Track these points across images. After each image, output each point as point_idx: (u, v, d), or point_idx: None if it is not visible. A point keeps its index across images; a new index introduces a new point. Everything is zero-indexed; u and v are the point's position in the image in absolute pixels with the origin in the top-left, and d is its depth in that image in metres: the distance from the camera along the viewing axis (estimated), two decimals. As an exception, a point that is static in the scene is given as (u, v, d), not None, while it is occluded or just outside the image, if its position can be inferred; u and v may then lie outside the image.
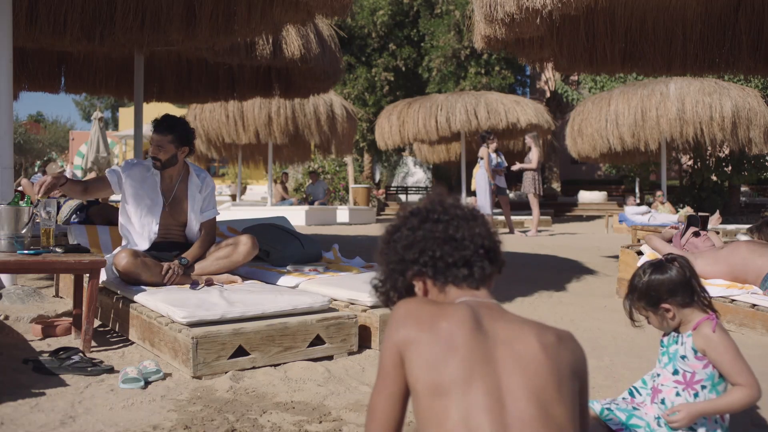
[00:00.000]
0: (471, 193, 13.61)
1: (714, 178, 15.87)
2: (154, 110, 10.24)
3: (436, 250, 1.34)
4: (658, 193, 12.48)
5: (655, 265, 2.02)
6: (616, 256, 6.13)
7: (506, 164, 11.75)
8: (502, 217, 12.14)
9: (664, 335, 2.05)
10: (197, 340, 2.73)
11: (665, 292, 1.97)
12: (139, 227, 3.89)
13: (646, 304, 2.01)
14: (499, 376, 1.17)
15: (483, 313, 1.27)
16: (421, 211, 1.39)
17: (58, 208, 4.89)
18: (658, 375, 2.01)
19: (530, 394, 1.16)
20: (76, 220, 4.93)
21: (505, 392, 1.16)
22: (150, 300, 3.22)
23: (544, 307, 4.63)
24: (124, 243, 3.96)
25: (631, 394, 2.10)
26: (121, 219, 3.94)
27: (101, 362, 2.85)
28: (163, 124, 3.86)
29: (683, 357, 1.95)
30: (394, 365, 1.23)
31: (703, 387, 1.93)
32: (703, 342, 1.92)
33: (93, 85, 7.81)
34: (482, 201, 11.34)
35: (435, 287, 1.37)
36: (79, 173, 16.17)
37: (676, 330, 2.01)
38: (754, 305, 3.82)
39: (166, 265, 3.65)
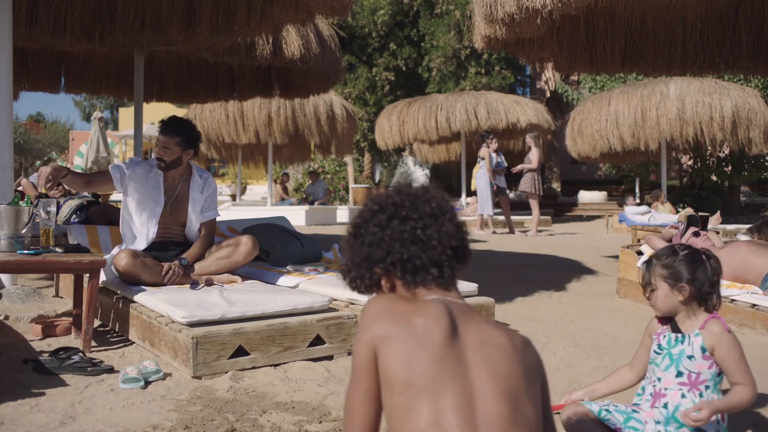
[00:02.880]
0: (471, 193, 13.62)
1: (714, 178, 15.86)
2: (154, 110, 10.28)
3: (403, 252, 1.32)
4: (661, 193, 12.44)
5: (694, 253, 2.04)
6: (616, 256, 6.12)
7: (506, 164, 11.75)
8: (502, 217, 12.14)
9: (661, 337, 2.05)
10: (197, 340, 2.73)
11: (694, 275, 1.99)
12: (139, 226, 3.89)
13: (669, 275, 2.01)
14: (470, 376, 1.18)
15: (456, 312, 1.27)
16: (388, 207, 1.35)
17: (58, 208, 4.89)
18: (659, 379, 2.00)
19: (500, 393, 1.17)
20: (76, 220, 4.93)
21: (476, 392, 1.17)
22: (150, 300, 3.22)
23: (544, 307, 4.63)
24: (123, 240, 3.96)
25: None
26: (122, 217, 3.95)
27: (101, 362, 2.85)
28: (170, 125, 3.85)
29: (690, 357, 1.95)
30: (368, 362, 1.23)
31: (707, 387, 1.94)
32: (713, 340, 1.93)
33: (93, 85, 7.80)
34: (483, 201, 11.34)
35: (403, 287, 1.35)
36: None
37: (677, 330, 2.02)
38: (754, 305, 3.82)
39: (166, 265, 3.65)
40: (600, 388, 2.22)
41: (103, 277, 3.62)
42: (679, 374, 1.96)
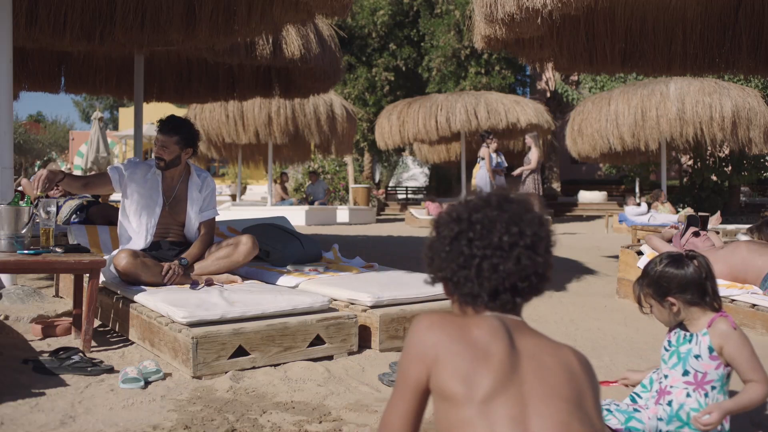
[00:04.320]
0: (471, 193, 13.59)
1: (714, 178, 15.87)
2: (154, 110, 10.27)
3: (455, 275, 1.26)
4: (661, 193, 12.43)
5: (674, 258, 2.02)
6: (616, 256, 6.12)
7: (506, 164, 11.75)
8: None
9: (671, 334, 2.04)
10: (197, 340, 2.73)
11: (675, 286, 1.97)
12: (138, 226, 3.89)
13: (654, 292, 2.01)
14: (526, 389, 1.15)
15: (511, 326, 1.23)
16: (462, 221, 1.27)
17: (58, 208, 4.89)
18: (666, 376, 1.99)
19: (555, 408, 1.14)
20: (76, 220, 4.92)
21: (530, 405, 1.14)
22: (150, 300, 3.22)
23: (544, 307, 4.63)
24: (121, 242, 3.96)
25: (632, 400, 2.09)
26: (120, 217, 3.95)
27: (101, 362, 2.85)
28: (169, 124, 3.86)
29: (697, 356, 1.94)
30: (417, 379, 1.19)
31: (713, 387, 1.93)
32: (721, 338, 1.91)
33: (93, 85, 7.80)
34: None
35: (455, 300, 1.31)
36: (79, 173, 16.17)
37: (686, 329, 2.00)
38: (754, 305, 3.82)
39: (166, 265, 3.65)
40: (636, 376, 2.19)
41: (102, 278, 3.62)
42: (686, 373, 1.95)
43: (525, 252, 1.24)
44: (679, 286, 1.97)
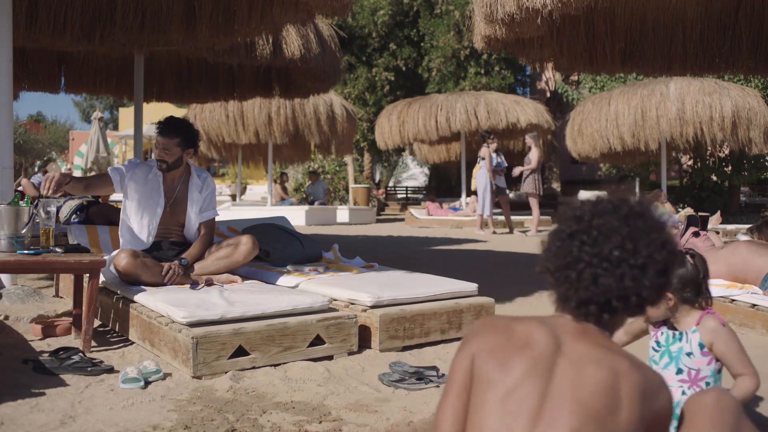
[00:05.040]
0: (471, 193, 13.60)
1: (714, 178, 15.86)
2: (154, 110, 10.28)
3: (557, 271, 1.26)
4: (661, 193, 12.41)
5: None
6: (616, 256, 6.12)
7: (506, 164, 11.75)
8: (502, 217, 12.14)
9: (658, 335, 2.05)
10: (197, 340, 2.73)
11: (675, 282, 1.99)
12: (139, 227, 3.89)
13: None
14: (551, 390, 1.15)
15: (568, 331, 1.23)
16: (582, 221, 1.24)
17: (58, 208, 4.89)
18: None
19: (569, 416, 1.13)
20: (76, 220, 4.93)
21: (547, 406, 1.14)
22: (150, 300, 3.22)
23: (544, 307, 4.63)
24: (122, 242, 3.96)
25: None
26: (122, 217, 3.95)
27: (101, 362, 2.85)
28: (169, 126, 3.85)
29: (689, 354, 1.96)
30: (465, 373, 1.23)
31: (708, 384, 1.95)
32: (710, 335, 1.94)
33: (93, 85, 7.81)
34: (483, 201, 11.34)
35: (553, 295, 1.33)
36: (79, 173, 16.17)
37: (673, 328, 2.02)
38: (754, 305, 3.82)
39: (166, 265, 3.65)
40: None
41: (102, 278, 3.62)
42: (679, 371, 1.96)
43: (631, 272, 1.19)
44: (678, 282, 1.99)
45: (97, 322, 3.54)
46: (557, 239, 1.28)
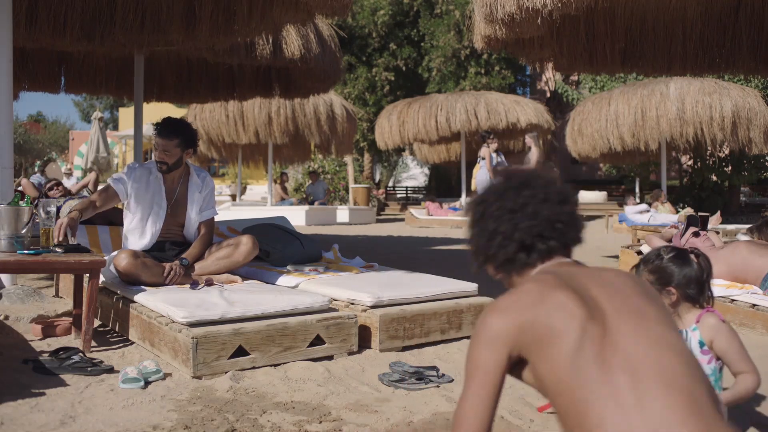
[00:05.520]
0: (471, 193, 13.59)
1: (714, 178, 15.86)
2: (154, 110, 10.29)
3: (488, 250, 1.39)
4: (661, 193, 12.41)
5: (680, 253, 2.06)
6: (616, 256, 6.12)
7: (506, 164, 11.75)
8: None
9: None
10: (197, 340, 2.73)
11: (680, 278, 2.01)
12: (142, 230, 3.88)
13: (656, 280, 2.04)
14: (608, 313, 1.18)
15: (566, 271, 1.30)
16: (480, 202, 1.43)
17: (58, 208, 4.89)
18: None
19: (643, 328, 1.17)
20: (76, 220, 4.91)
21: (621, 328, 1.17)
22: (150, 300, 3.22)
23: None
24: (124, 243, 3.96)
25: None
26: (125, 221, 3.94)
27: (101, 362, 2.85)
28: (168, 127, 3.83)
29: None
30: (497, 363, 1.21)
31: None
32: (710, 332, 1.95)
33: (93, 85, 7.81)
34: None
35: (501, 276, 1.44)
36: (79, 173, 16.17)
37: None
38: (754, 305, 3.82)
39: (167, 266, 3.64)
40: None
41: (102, 278, 3.62)
42: None
43: (540, 205, 1.36)
44: (683, 279, 2.00)
45: (97, 322, 3.54)
46: (472, 229, 1.43)
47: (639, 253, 4.98)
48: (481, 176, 11.32)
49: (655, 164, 15.87)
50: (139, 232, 3.88)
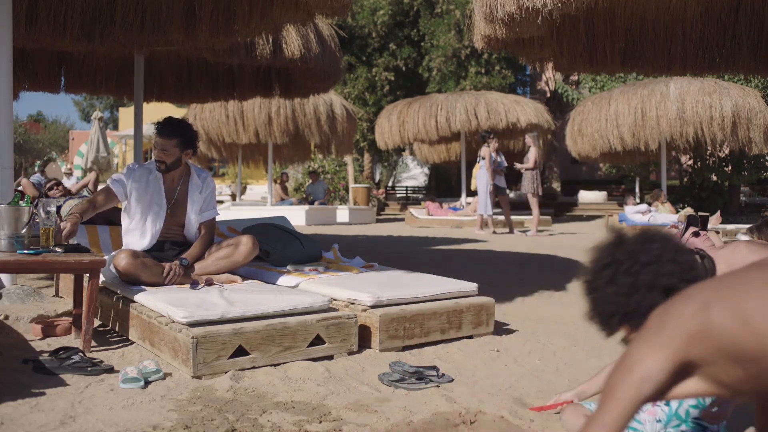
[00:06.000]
0: (471, 193, 13.61)
1: (714, 178, 15.86)
2: (154, 110, 10.29)
3: (626, 305, 1.43)
4: (661, 193, 12.41)
5: None
6: (616, 256, 6.12)
7: (506, 164, 11.75)
8: (502, 217, 12.14)
9: None
10: (197, 339, 2.73)
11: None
12: (142, 230, 3.88)
13: None
14: None
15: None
16: (610, 264, 1.48)
17: (58, 208, 4.89)
18: None
19: None
20: (76, 220, 4.91)
21: None
22: (150, 300, 3.22)
23: (544, 307, 4.63)
24: (124, 244, 3.95)
25: None
26: (123, 221, 3.94)
27: (101, 362, 2.85)
28: (168, 127, 3.84)
29: None
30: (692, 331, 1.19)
31: None
32: None
33: (93, 85, 7.81)
34: (483, 201, 11.34)
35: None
36: (79, 173, 16.17)
37: None
38: (754, 305, 3.82)
39: (167, 266, 3.64)
40: (589, 388, 2.25)
41: (102, 278, 3.62)
42: None
43: (675, 253, 1.45)
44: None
45: (97, 322, 3.54)
46: (602, 285, 1.47)
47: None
48: (481, 176, 11.32)
49: (655, 164, 15.88)
50: (139, 231, 3.88)
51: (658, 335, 1.20)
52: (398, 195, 26.69)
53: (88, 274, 3.21)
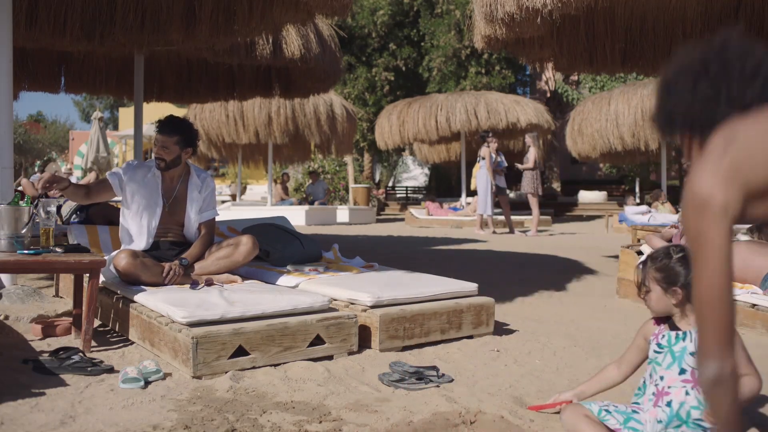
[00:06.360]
0: (471, 192, 13.61)
1: (714, 178, 15.85)
2: (154, 110, 10.29)
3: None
4: (661, 193, 12.40)
5: (689, 255, 2.05)
6: (616, 256, 6.13)
7: (506, 164, 11.75)
8: (502, 217, 12.14)
9: (659, 337, 2.05)
10: (197, 339, 2.73)
11: (687, 280, 2.00)
12: (138, 228, 3.88)
13: (663, 279, 2.02)
14: None
15: None
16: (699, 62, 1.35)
17: (59, 208, 4.89)
18: (662, 378, 2.00)
19: None
20: (76, 220, 4.93)
21: None
22: (150, 300, 3.22)
23: (544, 307, 4.63)
24: (122, 243, 3.96)
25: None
26: (121, 219, 3.94)
27: (101, 362, 2.85)
28: (169, 125, 3.85)
29: (693, 353, 1.95)
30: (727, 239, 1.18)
31: None
32: None
33: (93, 85, 7.81)
34: (483, 201, 11.34)
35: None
36: (79, 173, 16.16)
37: (676, 328, 2.02)
38: (754, 305, 3.82)
39: (167, 265, 3.64)
40: (588, 389, 2.26)
41: (102, 278, 3.62)
42: (682, 371, 1.96)
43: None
44: (691, 281, 2.00)
45: (97, 322, 3.54)
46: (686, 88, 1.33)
47: (639, 253, 4.97)
48: (481, 176, 11.32)
49: (655, 164, 15.88)
50: (136, 229, 3.89)
51: (722, 159, 1.17)
52: (398, 195, 26.70)
53: (88, 274, 3.21)
